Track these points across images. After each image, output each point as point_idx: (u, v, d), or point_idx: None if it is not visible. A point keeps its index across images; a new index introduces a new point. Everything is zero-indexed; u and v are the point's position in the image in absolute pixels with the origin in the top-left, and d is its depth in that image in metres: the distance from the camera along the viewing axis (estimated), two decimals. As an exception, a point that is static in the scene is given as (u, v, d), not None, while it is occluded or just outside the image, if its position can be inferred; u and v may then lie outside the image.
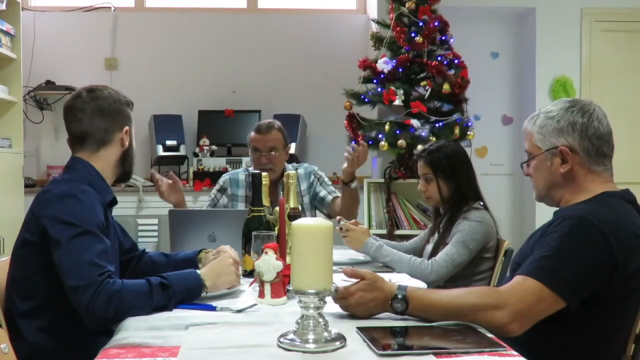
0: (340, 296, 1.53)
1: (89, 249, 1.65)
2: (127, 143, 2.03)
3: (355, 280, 1.58)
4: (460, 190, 2.60)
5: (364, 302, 1.53)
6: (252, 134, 3.09)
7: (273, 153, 3.02)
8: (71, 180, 1.83)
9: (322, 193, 3.14)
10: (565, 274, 1.50)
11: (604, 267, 1.51)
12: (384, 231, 4.26)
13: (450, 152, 2.64)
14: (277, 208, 2.05)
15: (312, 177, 3.19)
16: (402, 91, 4.19)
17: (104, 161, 1.97)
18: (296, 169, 3.18)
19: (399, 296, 1.51)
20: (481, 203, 2.61)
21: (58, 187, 1.80)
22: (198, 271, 1.77)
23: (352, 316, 1.55)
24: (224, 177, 3.16)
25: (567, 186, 1.68)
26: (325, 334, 1.33)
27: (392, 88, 4.19)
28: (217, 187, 3.15)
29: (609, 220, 1.53)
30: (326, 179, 3.22)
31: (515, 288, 1.51)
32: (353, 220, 2.73)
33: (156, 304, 1.62)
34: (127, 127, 2.03)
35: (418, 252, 2.75)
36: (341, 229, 2.56)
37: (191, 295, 1.71)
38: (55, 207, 1.72)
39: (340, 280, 1.66)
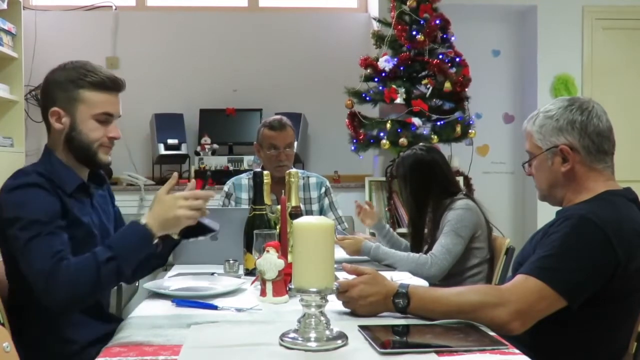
0: (342, 289, 1.53)
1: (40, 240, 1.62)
2: (60, 125, 1.79)
3: (353, 277, 1.58)
4: (412, 201, 2.67)
5: (365, 295, 1.53)
6: (266, 131, 3.07)
7: (289, 150, 3.04)
8: (18, 175, 1.75)
9: (330, 217, 3.14)
10: (567, 274, 1.50)
11: (605, 266, 1.51)
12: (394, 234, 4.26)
13: (409, 164, 2.69)
14: (279, 206, 2.06)
15: (323, 189, 3.19)
16: (403, 89, 4.19)
17: (56, 146, 1.84)
18: (307, 177, 3.19)
19: (400, 292, 1.51)
20: (463, 193, 2.66)
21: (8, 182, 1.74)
22: (142, 220, 1.70)
23: (354, 314, 1.55)
24: (228, 183, 3.18)
25: (568, 185, 1.68)
26: (327, 332, 1.33)
27: (394, 86, 4.19)
28: (222, 194, 3.17)
29: (611, 220, 1.53)
30: (335, 202, 3.21)
31: (517, 287, 1.51)
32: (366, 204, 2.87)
33: (106, 281, 1.64)
34: (53, 108, 1.79)
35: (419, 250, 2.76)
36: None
37: (142, 250, 1.69)
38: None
39: (342, 278, 1.67)
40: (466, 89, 4.27)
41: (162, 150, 4.82)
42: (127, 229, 1.72)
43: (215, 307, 1.64)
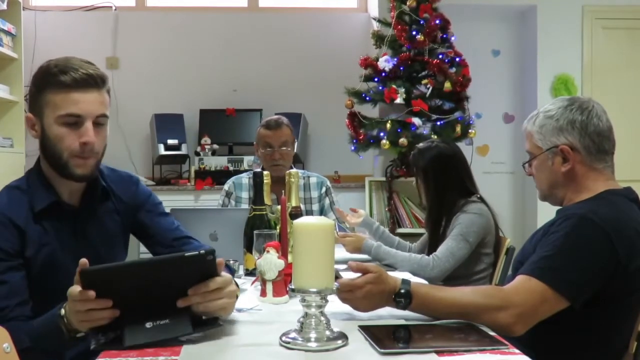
0: (347, 289, 1.50)
1: None
2: (34, 133, 1.64)
3: (359, 275, 1.55)
4: (434, 195, 2.60)
5: (371, 296, 1.51)
6: (262, 130, 3.08)
7: (284, 148, 3.04)
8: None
9: (331, 217, 3.15)
10: (569, 274, 1.49)
11: (606, 266, 1.51)
12: (385, 230, 4.26)
13: (431, 156, 2.61)
14: (279, 206, 2.05)
15: (324, 188, 3.20)
16: (403, 89, 4.19)
17: (41, 155, 1.68)
18: (308, 177, 3.19)
19: (402, 291, 1.50)
20: (478, 196, 2.61)
21: None
22: (62, 311, 1.37)
23: (354, 314, 1.55)
24: (229, 182, 3.19)
25: (569, 185, 1.68)
26: (327, 332, 1.33)
27: (394, 86, 4.19)
28: (222, 193, 3.17)
29: (611, 219, 1.53)
30: (335, 201, 3.21)
31: (519, 289, 1.51)
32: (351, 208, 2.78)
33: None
34: (27, 114, 1.66)
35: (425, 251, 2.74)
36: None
37: (61, 343, 1.40)
38: None
39: (342, 269, 1.66)
40: (466, 89, 4.27)
41: (162, 151, 4.82)
42: (49, 316, 1.42)
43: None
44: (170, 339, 1.32)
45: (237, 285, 1.44)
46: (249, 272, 2.09)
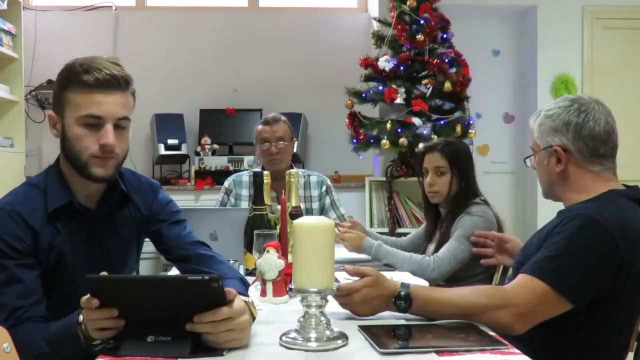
0: (344, 293, 1.51)
1: None
2: (55, 132, 1.61)
3: (356, 278, 1.55)
4: (466, 188, 2.57)
5: (369, 299, 1.51)
6: (260, 126, 3.12)
7: (281, 143, 3.05)
8: (6, 195, 1.62)
9: (332, 216, 3.15)
10: (572, 276, 1.49)
11: (610, 268, 1.50)
12: (385, 229, 4.27)
13: (463, 149, 2.65)
14: (279, 206, 2.05)
15: (324, 187, 3.20)
16: (403, 89, 4.19)
17: (61, 154, 1.65)
18: (308, 175, 3.20)
19: (402, 294, 1.50)
20: (482, 198, 2.60)
21: None
22: (80, 317, 1.32)
23: (354, 314, 1.55)
24: (229, 180, 3.20)
25: (564, 184, 1.68)
26: (327, 332, 1.33)
27: (394, 86, 4.19)
28: (222, 190, 3.19)
29: (616, 220, 1.52)
30: (337, 200, 3.21)
31: (520, 288, 1.50)
32: (350, 220, 2.76)
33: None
34: (49, 113, 1.63)
35: (416, 248, 2.74)
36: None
37: (79, 349, 1.34)
38: None
39: (343, 279, 1.66)
40: (466, 89, 4.27)
41: (162, 151, 4.82)
42: (66, 322, 1.38)
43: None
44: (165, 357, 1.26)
45: (254, 307, 1.38)
46: (249, 272, 2.09)
